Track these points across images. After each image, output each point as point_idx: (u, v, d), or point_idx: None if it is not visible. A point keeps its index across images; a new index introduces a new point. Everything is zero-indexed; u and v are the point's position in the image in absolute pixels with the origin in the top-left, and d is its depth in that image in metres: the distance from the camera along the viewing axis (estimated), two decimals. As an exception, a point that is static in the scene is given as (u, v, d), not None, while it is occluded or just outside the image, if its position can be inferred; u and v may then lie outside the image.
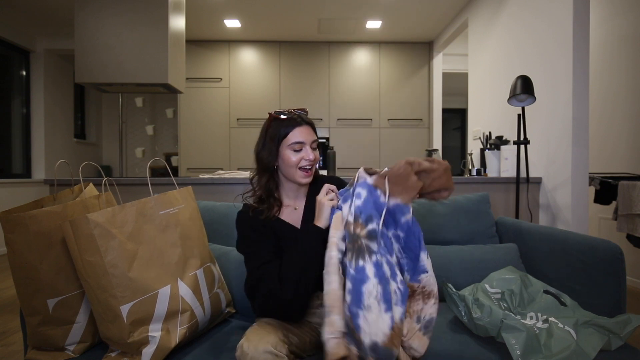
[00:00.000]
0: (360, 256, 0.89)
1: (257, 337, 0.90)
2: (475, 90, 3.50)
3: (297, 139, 1.07)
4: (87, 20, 2.72)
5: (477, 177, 2.40)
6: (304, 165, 1.09)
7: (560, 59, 2.24)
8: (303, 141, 1.08)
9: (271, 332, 0.93)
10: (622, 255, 1.19)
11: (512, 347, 1.00)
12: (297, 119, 1.09)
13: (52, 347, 1.08)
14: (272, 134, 1.09)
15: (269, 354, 0.86)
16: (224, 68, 4.79)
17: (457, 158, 6.65)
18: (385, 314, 0.85)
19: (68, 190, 1.24)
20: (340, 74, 4.83)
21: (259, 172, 1.14)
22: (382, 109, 4.85)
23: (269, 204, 1.12)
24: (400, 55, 4.86)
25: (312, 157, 1.08)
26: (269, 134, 1.10)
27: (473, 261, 1.51)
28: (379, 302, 0.85)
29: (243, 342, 0.90)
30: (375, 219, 0.93)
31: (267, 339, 0.90)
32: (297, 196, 1.17)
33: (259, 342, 0.88)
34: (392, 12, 4.00)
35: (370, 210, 0.93)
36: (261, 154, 1.11)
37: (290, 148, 1.08)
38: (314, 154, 1.09)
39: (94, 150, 5.47)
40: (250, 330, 0.94)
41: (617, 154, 2.99)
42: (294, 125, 1.08)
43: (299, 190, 1.17)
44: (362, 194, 0.95)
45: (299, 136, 1.08)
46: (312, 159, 1.08)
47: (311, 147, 1.10)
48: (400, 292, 0.90)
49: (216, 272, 1.24)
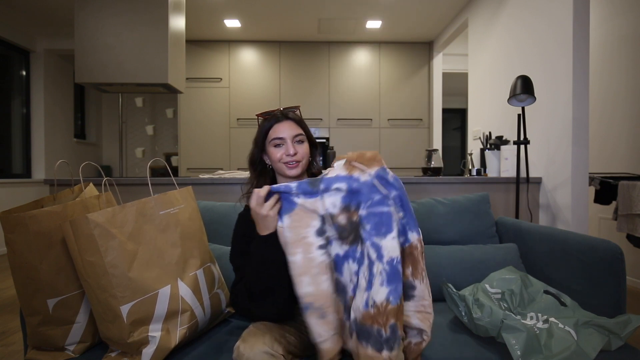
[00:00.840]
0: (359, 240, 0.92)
1: (253, 338, 0.90)
2: (475, 90, 3.50)
3: (276, 135, 1.09)
4: (87, 20, 2.72)
5: (477, 177, 2.40)
6: (287, 161, 1.09)
7: (560, 59, 2.24)
8: (283, 136, 1.09)
9: (267, 333, 0.94)
10: (622, 255, 1.19)
11: (512, 347, 1.00)
12: (278, 115, 1.12)
13: (52, 347, 1.08)
14: (258, 133, 1.13)
15: (265, 354, 0.87)
16: (224, 68, 4.79)
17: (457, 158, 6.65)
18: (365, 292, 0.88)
19: (68, 190, 1.24)
20: (340, 74, 4.83)
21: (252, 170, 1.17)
22: (382, 109, 4.85)
23: None
24: (400, 55, 4.86)
25: (292, 151, 1.08)
26: (257, 133, 1.14)
27: (473, 261, 1.51)
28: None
29: (239, 343, 0.90)
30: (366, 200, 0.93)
31: (263, 339, 0.90)
32: None
33: (255, 343, 0.88)
34: (392, 12, 4.00)
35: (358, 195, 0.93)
36: (251, 153, 1.15)
37: (272, 144, 1.10)
38: (296, 148, 1.09)
39: (94, 150, 5.47)
40: (247, 332, 0.95)
41: (617, 154, 2.99)
42: (274, 122, 1.11)
43: None
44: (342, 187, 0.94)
45: (278, 132, 1.09)
46: (291, 153, 1.08)
47: (293, 141, 1.10)
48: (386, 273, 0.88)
49: (216, 272, 1.24)
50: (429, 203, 1.71)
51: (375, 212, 0.91)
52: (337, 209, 0.94)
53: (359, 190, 0.93)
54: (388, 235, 0.90)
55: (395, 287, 0.86)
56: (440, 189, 2.25)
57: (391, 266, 0.87)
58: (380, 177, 0.94)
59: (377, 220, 0.91)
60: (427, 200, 1.73)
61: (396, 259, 0.88)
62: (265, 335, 0.92)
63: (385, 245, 0.89)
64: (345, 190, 0.94)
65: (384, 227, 0.90)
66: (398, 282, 0.87)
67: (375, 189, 0.93)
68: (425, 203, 1.71)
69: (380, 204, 0.92)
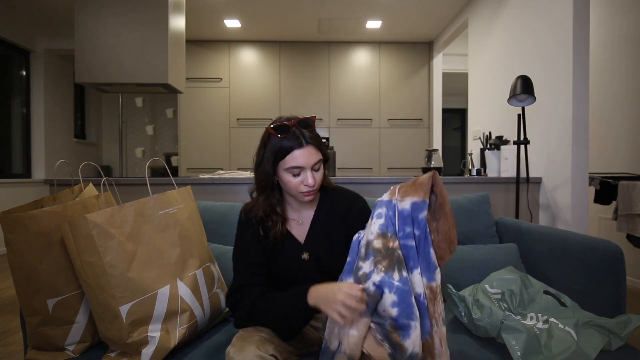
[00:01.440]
0: (402, 267, 0.87)
1: (243, 342, 0.89)
2: (475, 90, 3.50)
3: (296, 164, 0.96)
4: (87, 20, 2.72)
5: (477, 177, 2.40)
6: (304, 191, 0.99)
7: (560, 59, 2.24)
8: (303, 165, 0.96)
9: (256, 334, 0.92)
10: (622, 255, 1.19)
11: (512, 348, 0.99)
12: (299, 138, 0.96)
13: (52, 347, 1.08)
14: (270, 151, 0.98)
15: (255, 357, 0.85)
16: (224, 68, 4.79)
17: (457, 158, 6.65)
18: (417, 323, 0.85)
19: (68, 190, 1.24)
20: (340, 74, 4.83)
21: (258, 188, 1.06)
22: (382, 109, 4.85)
23: (273, 221, 1.04)
24: (400, 55, 4.86)
25: (311, 182, 0.97)
26: (268, 148, 0.99)
27: (473, 261, 1.51)
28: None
29: (229, 348, 0.89)
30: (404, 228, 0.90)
31: (253, 341, 0.89)
32: (302, 209, 1.10)
33: (245, 346, 0.87)
34: (392, 12, 4.00)
35: (394, 222, 0.90)
36: (259, 169, 1.02)
37: (289, 171, 0.97)
38: (315, 178, 0.98)
39: (94, 150, 5.47)
40: (237, 336, 0.93)
41: (617, 154, 2.99)
42: (294, 147, 0.96)
43: (304, 203, 1.07)
44: (382, 213, 0.91)
45: (298, 160, 0.96)
46: (311, 184, 0.97)
47: (312, 169, 0.98)
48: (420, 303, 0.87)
49: (215, 272, 1.24)
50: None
51: (406, 245, 0.89)
52: (374, 235, 0.90)
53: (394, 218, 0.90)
54: (414, 270, 0.88)
55: (424, 322, 0.85)
56: (440, 189, 2.24)
57: (419, 302, 0.86)
58: (410, 212, 0.90)
59: (405, 254, 0.88)
60: (427, 200, 1.72)
61: (422, 294, 0.86)
62: (254, 337, 0.91)
63: (413, 280, 0.87)
64: (384, 216, 0.91)
65: (411, 261, 0.88)
66: (425, 317, 0.86)
67: (409, 220, 0.89)
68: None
69: (409, 237, 0.89)
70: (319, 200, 1.10)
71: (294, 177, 0.98)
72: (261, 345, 0.89)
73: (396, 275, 0.85)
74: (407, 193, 0.91)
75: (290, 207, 1.10)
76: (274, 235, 1.04)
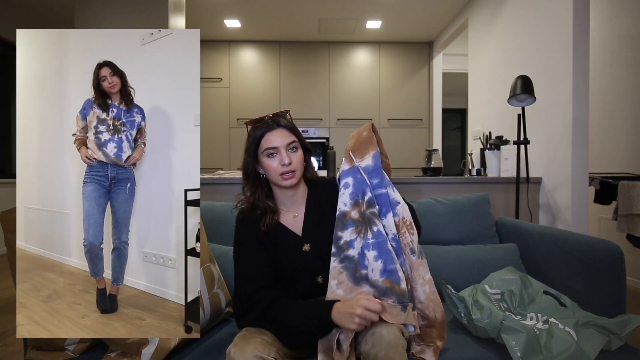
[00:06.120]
0: (372, 224, 1.01)
1: (244, 342, 0.89)
2: (475, 90, 3.50)
3: (269, 144, 1.04)
4: (87, 20, 2.72)
5: (477, 177, 2.40)
6: (282, 172, 1.04)
7: (560, 59, 2.24)
8: (276, 146, 1.04)
9: (258, 336, 0.92)
10: (622, 255, 1.19)
11: (512, 348, 0.99)
12: (269, 123, 1.06)
13: (52, 347, 1.08)
14: (249, 143, 1.08)
15: (255, 357, 0.85)
16: (224, 68, 4.79)
17: (457, 158, 6.64)
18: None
19: (68, 191, 1.24)
20: (340, 74, 4.83)
21: (245, 181, 1.11)
22: (382, 109, 4.85)
23: (263, 212, 1.09)
24: (400, 55, 4.86)
25: (286, 160, 1.03)
26: (248, 142, 1.09)
27: (473, 261, 1.51)
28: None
29: (230, 348, 0.89)
30: (368, 190, 1.05)
31: (254, 342, 0.89)
32: (295, 202, 1.13)
33: (246, 346, 0.87)
34: (392, 12, 4.00)
35: (360, 186, 1.05)
36: (244, 163, 1.10)
37: (265, 154, 1.05)
38: (290, 157, 1.04)
39: (94, 150, 5.46)
40: (238, 336, 0.93)
41: (617, 154, 2.99)
42: (265, 131, 1.05)
43: (295, 195, 1.13)
44: (348, 183, 1.06)
45: (270, 141, 1.04)
46: (286, 162, 1.03)
47: (287, 149, 1.05)
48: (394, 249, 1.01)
49: (216, 272, 1.24)
50: (428, 203, 1.70)
51: (379, 194, 1.05)
52: (348, 206, 1.04)
53: (362, 180, 1.06)
54: (388, 214, 1.04)
55: (402, 261, 1.01)
56: (440, 189, 2.25)
57: (395, 242, 1.02)
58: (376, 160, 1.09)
59: (379, 202, 1.05)
60: (427, 200, 1.72)
61: (395, 234, 1.03)
62: (256, 338, 0.91)
63: (387, 225, 1.03)
64: (352, 184, 1.06)
65: (384, 207, 1.04)
66: (401, 255, 1.02)
67: (374, 173, 1.07)
68: (425, 203, 1.70)
69: (379, 187, 1.06)
70: (307, 193, 1.15)
71: (271, 159, 1.05)
72: (263, 347, 0.88)
73: (369, 234, 1.01)
74: (364, 152, 1.10)
75: (281, 201, 1.13)
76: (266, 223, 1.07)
